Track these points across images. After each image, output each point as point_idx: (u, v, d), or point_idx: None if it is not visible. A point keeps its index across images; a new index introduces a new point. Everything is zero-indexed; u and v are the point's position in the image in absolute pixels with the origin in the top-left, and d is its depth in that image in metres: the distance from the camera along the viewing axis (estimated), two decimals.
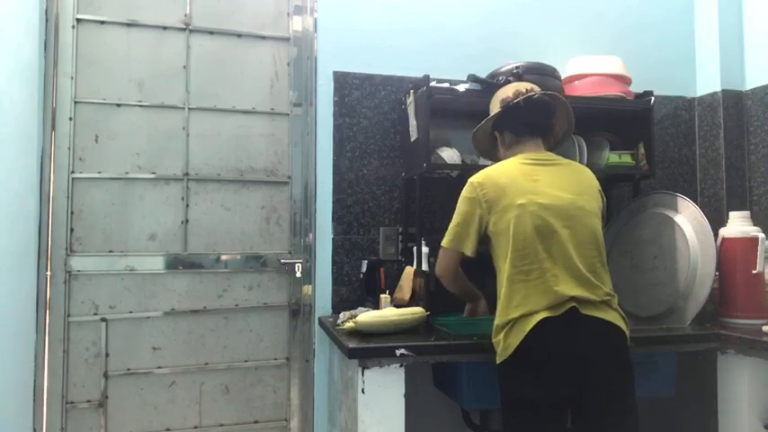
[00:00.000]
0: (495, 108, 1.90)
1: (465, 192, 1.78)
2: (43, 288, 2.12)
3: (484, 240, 1.76)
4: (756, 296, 2.04)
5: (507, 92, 1.86)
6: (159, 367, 2.22)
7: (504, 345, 1.61)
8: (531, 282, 1.61)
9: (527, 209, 1.64)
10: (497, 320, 1.66)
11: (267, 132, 2.37)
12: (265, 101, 2.38)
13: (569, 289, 1.58)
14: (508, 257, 1.64)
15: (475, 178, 1.77)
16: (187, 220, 2.28)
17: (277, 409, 2.33)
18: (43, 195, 2.13)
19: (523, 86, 1.86)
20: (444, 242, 1.80)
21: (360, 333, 1.83)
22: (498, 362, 1.64)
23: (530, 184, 1.68)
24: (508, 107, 1.82)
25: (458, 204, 1.79)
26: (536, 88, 1.86)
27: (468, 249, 1.74)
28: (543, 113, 1.83)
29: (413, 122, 2.19)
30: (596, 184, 1.80)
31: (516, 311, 1.60)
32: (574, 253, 1.62)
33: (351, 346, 1.70)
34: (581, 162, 2.11)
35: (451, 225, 1.79)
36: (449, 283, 1.87)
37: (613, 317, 1.62)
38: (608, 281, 1.68)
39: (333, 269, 2.33)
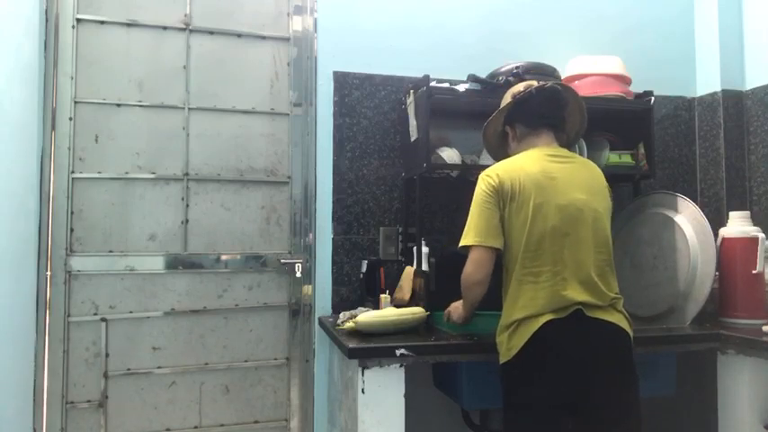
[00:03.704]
0: (506, 102, 1.85)
1: (482, 185, 1.70)
2: (43, 288, 2.12)
3: None
4: (756, 296, 2.05)
5: (519, 87, 1.83)
6: (159, 367, 2.22)
7: (509, 345, 1.60)
8: (539, 284, 1.60)
9: (544, 209, 1.62)
10: (502, 320, 1.66)
11: (267, 132, 2.38)
12: (265, 101, 2.38)
13: (577, 294, 1.58)
14: (519, 257, 1.62)
15: (491, 171, 1.71)
16: (187, 220, 2.28)
17: (277, 409, 2.33)
18: (43, 195, 2.13)
19: (535, 82, 1.82)
20: (471, 240, 1.67)
21: (360, 333, 1.83)
22: (501, 362, 1.63)
23: (547, 182, 1.65)
24: (521, 97, 1.78)
25: (475, 200, 1.70)
26: (549, 82, 1.81)
27: (500, 244, 1.66)
28: (556, 104, 1.78)
29: (413, 122, 2.19)
30: (605, 183, 1.77)
31: (522, 312, 1.59)
32: (585, 256, 1.61)
33: (351, 346, 1.70)
34: None
35: (473, 222, 1.68)
36: (484, 289, 1.69)
37: (617, 318, 1.62)
38: (615, 284, 1.67)
39: (333, 269, 2.33)
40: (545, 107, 1.77)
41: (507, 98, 1.86)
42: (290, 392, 2.34)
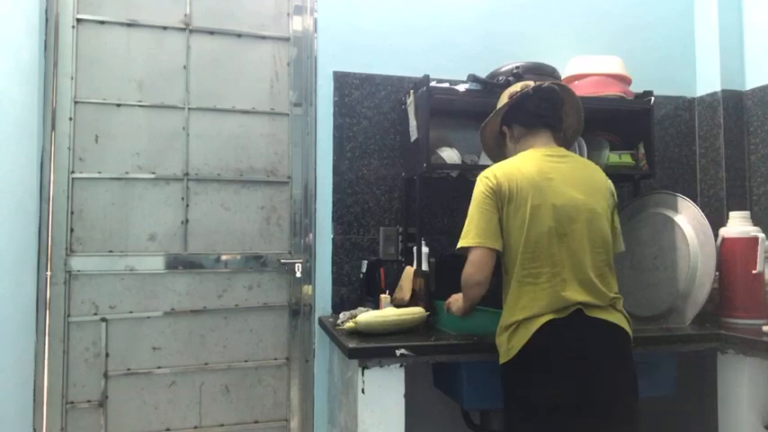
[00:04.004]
0: (503, 103, 1.85)
1: (480, 186, 1.69)
2: (43, 288, 2.12)
3: None
4: (756, 296, 2.04)
5: (516, 87, 1.83)
6: (159, 367, 2.22)
7: (509, 346, 1.60)
8: (539, 285, 1.60)
9: (541, 210, 1.61)
10: (502, 321, 1.66)
11: (267, 132, 2.38)
12: (265, 101, 2.38)
13: (576, 294, 1.58)
14: (518, 258, 1.62)
15: (489, 172, 1.71)
16: (187, 220, 2.28)
17: (277, 409, 2.33)
18: (43, 195, 2.13)
19: (531, 83, 1.81)
20: (471, 241, 1.65)
21: (360, 333, 1.82)
22: (502, 362, 1.63)
23: (544, 182, 1.64)
24: (518, 98, 1.78)
25: (474, 201, 1.70)
26: (545, 83, 1.80)
27: (499, 245, 1.65)
28: (553, 104, 1.78)
29: (413, 122, 2.19)
30: (607, 182, 1.76)
31: (522, 313, 1.59)
32: (583, 257, 1.61)
33: (351, 346, 1.70)
34: None
35: (472, 223, 1.67)
36: (484, 289, 1.67)
37: (617, 318, 1.62)
38: (614, 284, 1.67)
39: (333, 269, 2.33)
40: (542, 107, 1.76)
41: (504, 98, 1.86)
42: (290, 392, 2.34)
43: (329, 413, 2.25)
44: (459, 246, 1.70)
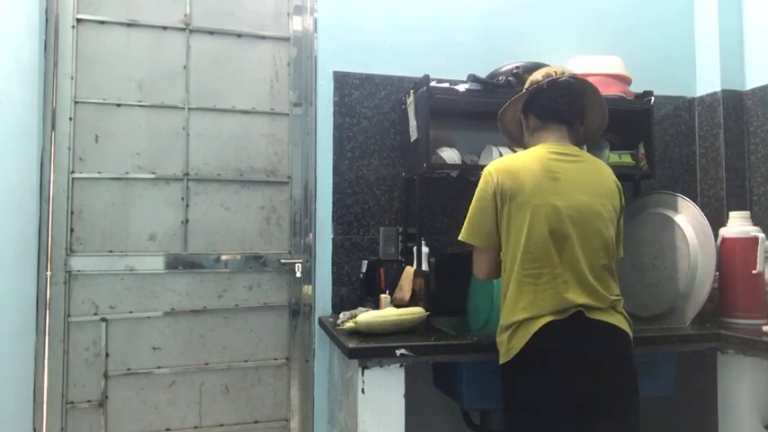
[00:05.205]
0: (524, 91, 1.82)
1: (483, 182, 1.69)
2: (43, 288, 2.12)
3: None
4: (756, 296, 2.04)
5: (538, 75, 1.78)
6: (159, 367, 2.22)
7: (509, 346, 1.60)
8: (539, 285, 1.59)
9: (543, 210, 1.60)
10: (502, 321, 1.66)
11: (267, 132, 2.38)
12: (265, 101, 2.38)
13: (577, 296, 1.57)
14: (518, 258, 1.61)
15: (492, 167, 1.69)
16: (187, 220, 2.28)
17: (277, 409, 2.33)
18: (43, 195, 2.13)
19: (554, 69, 1.77)
20: (464, 237, 1.71)
21: (360, 333, 1.82)
22: (501, 362, 1.63)
23: (549, 182, 1.63)
24: (533, 89, 1.75)
25: (476, 195, 1.70)
26: (567, 71, 1.76)
27: (493, 242, 1.68)
28: (568, 98, 1.73)
29: (413, 122, 2.19)
30: (616, 185, 1.73)
31: (522, 314, 1.59)
32: (583, 260, 1.60)
33: (351, 346, 1.70)
34: None
35: (469, 219, 1.70)
36: (494, 277, 1.76)
37: (617, 320, 1.61)
38: (615, 286, 1.66)
39: (333, 269, 2.33)
40: (558, 101, 1.72)
41: (527, 85, 1.81)
42: (290, 392, 2.34)
43: (329, 413, 2.25)
44: (459, 237, 1.72)
